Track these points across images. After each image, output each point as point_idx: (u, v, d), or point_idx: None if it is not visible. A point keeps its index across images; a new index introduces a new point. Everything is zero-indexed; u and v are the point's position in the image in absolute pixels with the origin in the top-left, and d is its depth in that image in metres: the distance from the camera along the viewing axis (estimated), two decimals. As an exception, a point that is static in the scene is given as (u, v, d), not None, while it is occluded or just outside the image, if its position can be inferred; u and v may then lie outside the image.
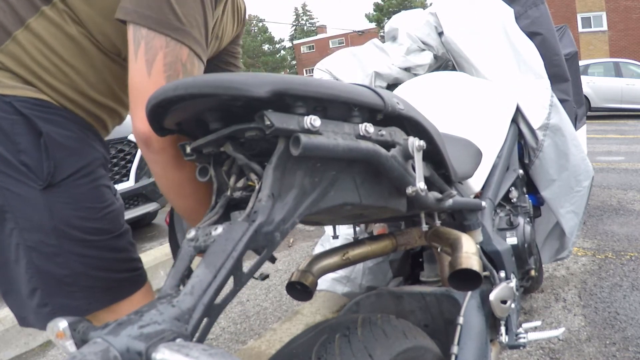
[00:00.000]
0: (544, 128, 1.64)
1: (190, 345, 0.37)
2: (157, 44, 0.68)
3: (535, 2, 1.87)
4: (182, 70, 0.69)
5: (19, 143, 0.74)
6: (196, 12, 0.71)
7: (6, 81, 0.75)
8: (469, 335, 0.94)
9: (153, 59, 0.67)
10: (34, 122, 0.75)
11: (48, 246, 0.76)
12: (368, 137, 0.62)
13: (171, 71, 0.68)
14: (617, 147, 6.25)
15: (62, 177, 0.77)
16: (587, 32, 18.62)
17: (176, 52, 0.69)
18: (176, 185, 0.73)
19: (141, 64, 0.68)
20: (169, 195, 0.75)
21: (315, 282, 0.93)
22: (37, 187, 0.75)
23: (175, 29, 0.68)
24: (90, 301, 0.80)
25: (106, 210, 0.83)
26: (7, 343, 2.10)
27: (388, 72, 1.83)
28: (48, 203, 0.75)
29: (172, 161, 0.69)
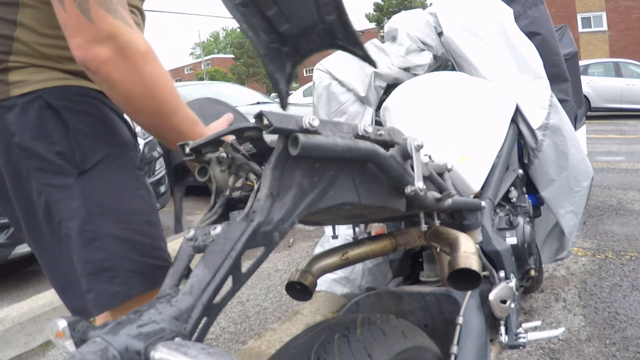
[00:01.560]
0: (543, 128, 1.64)
1: (189, 344, 0.38)
2: None
3: (534, 2, 1.87)
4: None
5: (52, 136, 0.78)
6: None
7: (31, 77, 0.79)
8: (468, 335, 0.94)
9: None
10: (62, 114, 0.79)
11: (86, 232, 0.79)
12: (367, 136, 0.63)
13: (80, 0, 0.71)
14: (617, 147, 6.25)
15: (92, 164, 0.80)
16: (587, 32, 18.62)
17: None
18: (123, 100, 0.76)
19: (56, 4, 0.72)
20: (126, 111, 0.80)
21: (314, 282, 0.93)
22: (72, 176, 0.79)
23: None
24: (129, 287, 0.81)
25: (139, 193, 0.86)
26: (7, 343, 2.10)
27: (387, 72, 1.83)
28: (82, 189, 0.79)
29: (110, 78, 0.73)
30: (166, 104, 0.78)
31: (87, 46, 0.71)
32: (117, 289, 0.80)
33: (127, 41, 0.72)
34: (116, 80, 0.73)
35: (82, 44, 0.71)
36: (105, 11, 0.71)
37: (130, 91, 0.75)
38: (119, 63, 0.72)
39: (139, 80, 0.75)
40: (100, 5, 0.71)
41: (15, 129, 0.78)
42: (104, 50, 0.71)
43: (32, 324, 2.19)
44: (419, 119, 1.40)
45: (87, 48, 0.71)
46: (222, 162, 0.62)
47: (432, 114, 1.41)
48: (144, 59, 0.75)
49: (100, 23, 0.71)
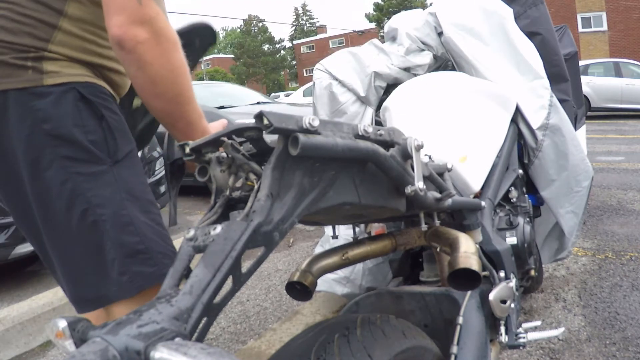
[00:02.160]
0: (543, 128, 1.64)
1: (189, 344, 0.38)
2: None
3: (534, 2, 1.87)
4: None
5: (87, 125, 0.83)
6: None
7: (65, 70, 0.83)
8: (468, 335, 0.94)
9: None
10: (96, 106, 0.84)
11: (121, 216, 0.84)
12: (367, 136, 0.63)
13: None
14: (617, 147, 6.25)
15: (123, 155, 0.87)
16: (587, 32, 18.62)
17: None
18: (148, 83, 0.82)
19: None
20: (142, 94, 0.85)
21: (314, 282, 0.93)
22: (106, 164, 0.84)
23: None
24: (163, 267, 0.85)
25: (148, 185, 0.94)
26: (7, 343, 2.10)
27: (387, 72, 1.83)
28: (116, 177, 0.84)
29: (143, 58, 0.79)
30: (185, 91, 0.85)
31: (128, 25, 0.76)
32: (151, 270, 0.85)
33: (163, 27, 0.79)
34: (148, 61, 0.79)
35: (124, 22, 0.77)
36: None
37: (157, 75, 0.81)
38: (154, 46, 0.79)
39: (168, 66, 0.81)
40: None
41: (47, 116, 0.80)
42: (142, 32, 0.77)
43: (32, 324, 2.19)
44: (419, 119, 1.40)
45: (128, 27, 0.76)
46: (222, 162, 0.62)
47: (432, 114, 1.41)
48: (175, 47, 0.82)
49: (146, 7, 0.78)
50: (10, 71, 0.80)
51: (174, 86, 0.84)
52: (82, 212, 0.82)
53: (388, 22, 2.09)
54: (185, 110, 0.87)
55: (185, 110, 0.87)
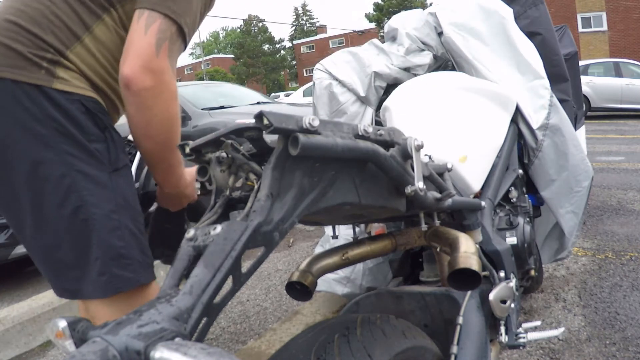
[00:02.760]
0: (543, 128, 1.64)
1: (189, 344, 0.38)
2: (156, 15, 0.88)
3: (534, 2, 1.86)
4: (169, 39, 0.88)
5: (91, 134, 0.88)
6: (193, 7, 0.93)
7: (74, 81, 0.88)
8: (468, 335, 0.94)
9: (151, 23, 0.87)
10: (100, 118, 0.90)
11: (111, 220, 0.88)
12: (367, 136, 0.63)
13: (161, 35, 0.87)
14: (617, 147, 6.25)
15: (122, 165, 0.92)
16: (587, 32, 18.62)
17: (169, 25, 0.89)
18: (143, 125, 0.90)
19: (142, 25, 0.87)
20: (135, 133, 0.92)
21: (314, 282, 0.93)
22: (106, 170, 0.89)
23: (172, 11, 0.89)
24: (140, 274, 0.91)
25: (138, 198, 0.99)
26: (7, 343, 2.10)
27: (387, 72, 1.83)
28: (113, 184, 0.90)
29: (145, 103, 0.87)
30: (173, 139, 0.94)
31: (140, 70, 0.85)
32: (130, 275, 0.90)
33: (168, 80, 0.88)
34: (148, 106, 0.88)
35: (137, 66, 0.85)
36: (168, 55, 0.88)
37: (153, 119, 0.89)
38: (157, 94, 0.87)
39: (165, 114, 0.90)
40: (170, 49, 0.88)
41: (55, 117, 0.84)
42: (150, 80, 0.86)
43: (32, 324, 2.19)
44: (419, 118, 1.40)
45: (139, 72, 0.85)
46: (222, 162, 0.62)
47: (432, 114, 1.41)
48: (174, 98, 0.91)
49: (160, 59, 0.87)
50: (24, 64, 0.84)
51: (166, 133, 0.92)
52: (75, 208, 0.86)
53: (388, 22, 2.09)
54: (170, 155, 0.96)
55: (170, 155, 0.96)
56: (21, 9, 0.88)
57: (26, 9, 0.88)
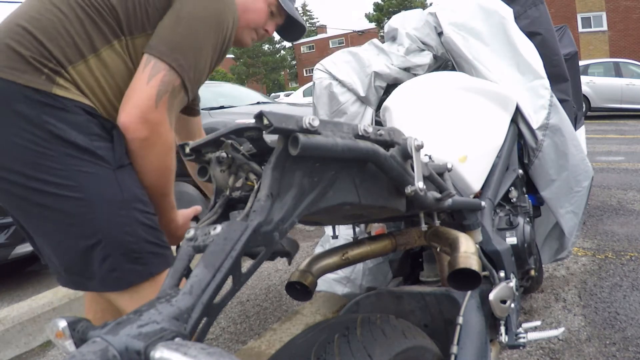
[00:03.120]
0: (543, 128, 1.64)
1: (189, 344, 0.37)
2: (162, 66, 0.90)
3: (534, 2, 1.86)
4: (170, 91, 0.90)
5: (93, 134, 0.88)
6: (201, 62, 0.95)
7: (74, 90, 0.89)
8: (468, 335, 0.94)
9: (155, 74, 0.89)
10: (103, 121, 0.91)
11: (119, 216, 0.89)
12: (367, 136, 0.63)
13: (163, 87, 0.89)
14: (617, 147, 6.25)
15: (128, 162, 0.92)
16: (587, 32, 18.61)
17: (173, 78, 0.91)
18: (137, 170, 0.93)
19: (146, 75, 0.89)
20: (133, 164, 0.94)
21: (314, 282, 0.93)
22: (110, 167, 0.89)
23: (179, 64, 0.91)
24: (151, 266, 0.92)
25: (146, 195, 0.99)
26: (7, 343, 2.10)
27: (387, 72, 1.83)
28: (119, 180, 0.90)
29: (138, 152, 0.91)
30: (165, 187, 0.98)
31: (136, 119, 0.87)
32: (141, 268, 0.91)
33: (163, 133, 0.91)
34: (141, 155, 0.91)
35: (134, 114, 0.87)
36: (168, 108, 0.90)
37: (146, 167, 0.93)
38: (150, 145, 0.90)
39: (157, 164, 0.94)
40: (169, 103, 0.90)
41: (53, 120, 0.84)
42: (145, 131, 0.88)
43: (32, 324, 2.19)
44: (419, 118, 1.40)
45: (135, 120, 0.87)
46: (222, 162, 0.62)
47: (432, 114, 1.41)
48: (168, 151, 0.94)
49: (159, 112, 0.89)
50: (26, 68, 0.85)
51: (157, 182, 0.96)
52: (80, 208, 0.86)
53: (388, 22, 2.08)
54: (161, 200, 0.99)
55: (161, 200, 0.99)
56: (35, 16, 0.89)
57: (40, 18, 0.88)
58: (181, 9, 0.95)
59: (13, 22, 0.89)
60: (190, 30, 0.94)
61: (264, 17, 1.19)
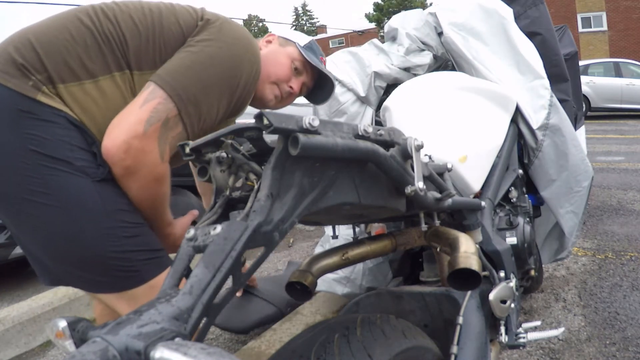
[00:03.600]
0: (543, 128, 1.64)
1: (189, 344, 0.37)
2: (159, 93, 0.87)
3: (534, 2, 1.86)
4: (163, 121, 0.86)
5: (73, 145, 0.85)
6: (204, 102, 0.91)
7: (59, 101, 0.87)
8: (468, 335, 0.94)
9: (151, 99, 0.86)
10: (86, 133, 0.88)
11: (104, 229, 0.86)
12: (367, 136, 0.63)
13: (155, 114, 0.85)
14: (617, 147, 6.25)
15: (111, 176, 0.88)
16: (587, 32, 18.61)
17: (169, 108, 0.87)
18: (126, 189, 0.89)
19: (141, 98, 0.86)
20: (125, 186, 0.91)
21: (314, 282, 0.93)
22: (89, 178, 0.85)
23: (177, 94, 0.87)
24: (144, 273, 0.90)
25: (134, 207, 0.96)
26: (7, 343, 2.10)
27: (387, 72, 1.83)
28: (99, 191, 0.86)
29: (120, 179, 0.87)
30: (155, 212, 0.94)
31: (120, 144, 0.82)
32: (132, 274, 0.89)
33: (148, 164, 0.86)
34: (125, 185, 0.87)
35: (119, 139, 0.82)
36: (158, 138, 0.85)
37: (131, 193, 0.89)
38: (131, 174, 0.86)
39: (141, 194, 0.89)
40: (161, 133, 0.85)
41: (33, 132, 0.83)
42: (128, 158, 0.83)
43: (32, 324, 2.19)
44: (419, 118, 1.40)
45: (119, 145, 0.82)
46: (222, 162, 0.62)
47: (432, 114, 1.41)
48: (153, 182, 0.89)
49: (146, 140, 0.84)
50: (15, 73, 0.84)
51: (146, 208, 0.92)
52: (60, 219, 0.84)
53: (388, 22, 2.08)
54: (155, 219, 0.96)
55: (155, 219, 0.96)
56: (44, 32, 0.88)
57: (47, 33, 0.88)
58: (194, 46, 0.93)
59: (24, 34, 0.88)
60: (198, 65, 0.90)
61: (286, 71, 1.15)
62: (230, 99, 0.95)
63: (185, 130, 0.91)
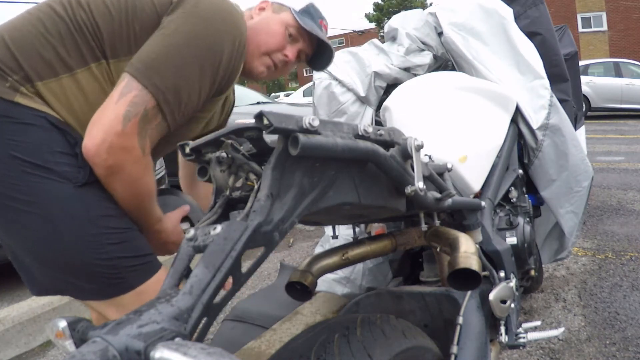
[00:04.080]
0: (543, 128, 1.64)
1: (189, 344, 0.37)
2: (134, 85, 0.82)
3: (534, 2, 1.86)
4: (141, 115, 0.82)
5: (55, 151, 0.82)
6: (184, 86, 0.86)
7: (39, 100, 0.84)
8: (468, 335, 0.94)
9: (126, 93, 0.82)
10: (68, 134, 0.85)
11: (88, 236, 0.83)
12: (367, 136, 0.63)
13: (132, 108, 0.81)
14: (617, 147, 6.25)
15: (94, 179, 0.85)
16: (587, 32, 18.61)
17: (145, 100, 0.82)
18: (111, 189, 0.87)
19: (117, 92, 0.82)
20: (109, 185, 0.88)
21: (314, 282, 0.93)
22: (71, 184, 0.82)
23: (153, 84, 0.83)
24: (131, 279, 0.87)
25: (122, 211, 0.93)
26: (7, 343, 2.10)
27: (387, 73, 1.83)
28: (82, 197, 0.83)
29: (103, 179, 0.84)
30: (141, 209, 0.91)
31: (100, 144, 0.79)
32: (118, 281, 0.86)
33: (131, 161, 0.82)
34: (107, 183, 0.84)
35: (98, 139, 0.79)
36: (138, 133, 0.81)
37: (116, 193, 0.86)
38: (114, 173, 0.82)
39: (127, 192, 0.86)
40: (140, 127, 0.81)
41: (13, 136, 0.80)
42: (109, 158, 0.80)
43: (32, 324, 2.19)
44: (419, 118, 1.40)
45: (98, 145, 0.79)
46: (222, 162, 0.62)
47: (432, 114, 1.41)
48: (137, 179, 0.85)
49: (126, 136, 0.80)
50: None
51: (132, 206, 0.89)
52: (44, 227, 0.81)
53: (388, 22, 2.08)
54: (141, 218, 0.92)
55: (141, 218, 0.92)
56: (18, 28, 0.85)
57: (22, 29, 0.85)
58: (168, 27, 0.87)
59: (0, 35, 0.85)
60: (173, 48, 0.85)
61: (279, 40, 1.06)
62: (213, 78, 0.89)
63: (165, 120, 0.86)
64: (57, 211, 0.82)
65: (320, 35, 1.10)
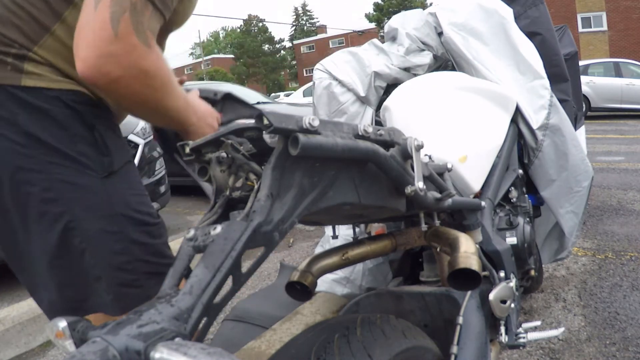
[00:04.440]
0: (543, 128, 1.64)
1: (189, 344, 0.38)
2: None
3: (534, 2, 1.87)
4: (129, 8, 0.68)
5: (75, 135, 0.76)
6: None
7: (49, 75, 0.76)
8: (468, 335, 0.94)
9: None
10: (84, 115, 0.77)
11: (108, 233, 0.78)
12: (367, 136, 0.63)
13: (116, 6, 0.67)
14: (617, 147, 6.25)
15: (119, 166, 0.80)
16: (587, 32, 18.62)
17: None
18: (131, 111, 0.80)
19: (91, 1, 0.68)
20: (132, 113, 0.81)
21: (314, 282, 0.94)
22: (97, 176, 0.77)
23: None
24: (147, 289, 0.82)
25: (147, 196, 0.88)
26: (7, 343, 2.10)
27: (387, 72, 1.83)
28: (108, 190, 0.78)
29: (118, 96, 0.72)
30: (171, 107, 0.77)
31: (97, 60, 0.67)
32: (137, 291, 0.82)
33: (140, 61, 0.70)
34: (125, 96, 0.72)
35: (93, 56, 0.67)
36: (134, 27, 0.68)
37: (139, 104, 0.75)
38: (130, 83, 0.70)
39: (144, 97, 0.73)
40: (135, 22, 0.68)
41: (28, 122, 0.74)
42: (115, 69, 0.68)
43: (32, 324, 2.19)
44: (419, 118, 1.40)
45: (97, 62, 0.67)
46: (222, 162, 0.62)
47: (432, 114, 1.41)
48: (154, 76, 0.73)
49: (123, 38, 0.67)
50: None
51: (157, 108, 0.77)
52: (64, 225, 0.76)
53: (388, 22, 2.08)
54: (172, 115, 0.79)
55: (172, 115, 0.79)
56: None
57: None
58: None
59: None
60: None
61: None
62: None
63: (157, 9, 0.74)
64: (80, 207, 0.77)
65: None
